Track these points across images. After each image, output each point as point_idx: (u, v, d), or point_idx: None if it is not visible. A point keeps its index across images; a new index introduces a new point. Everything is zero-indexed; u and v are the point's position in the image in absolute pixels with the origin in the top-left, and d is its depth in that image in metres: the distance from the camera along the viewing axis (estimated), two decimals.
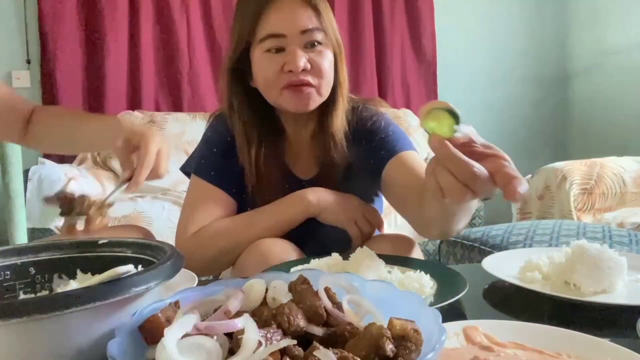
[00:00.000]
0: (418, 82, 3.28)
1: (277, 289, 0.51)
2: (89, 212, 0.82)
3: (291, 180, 1.09)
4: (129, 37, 2.79)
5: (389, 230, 1.22)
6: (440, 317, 0.46)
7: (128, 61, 2.80)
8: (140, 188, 0.87)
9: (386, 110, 1.18)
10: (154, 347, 0.44)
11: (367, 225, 1.04)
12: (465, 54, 3.38)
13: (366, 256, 0.80)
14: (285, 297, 0.50)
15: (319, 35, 1.00)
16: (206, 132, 1.15)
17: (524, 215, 2.25)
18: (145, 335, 0.47)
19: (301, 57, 0.98)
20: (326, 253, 0.88)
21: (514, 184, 0.55)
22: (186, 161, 1.18)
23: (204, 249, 1.01)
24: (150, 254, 0.64)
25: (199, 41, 2.91)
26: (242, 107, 1.06)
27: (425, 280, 0.75)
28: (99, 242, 0.67)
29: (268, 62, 0.99)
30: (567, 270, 0.77)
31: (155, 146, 0.86)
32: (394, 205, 1.08)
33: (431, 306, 0.52)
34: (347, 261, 0.82)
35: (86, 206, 0.81)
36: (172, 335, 0.42)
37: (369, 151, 1.07)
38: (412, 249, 1.05)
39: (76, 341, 0.48)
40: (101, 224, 0.82)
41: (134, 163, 0.85)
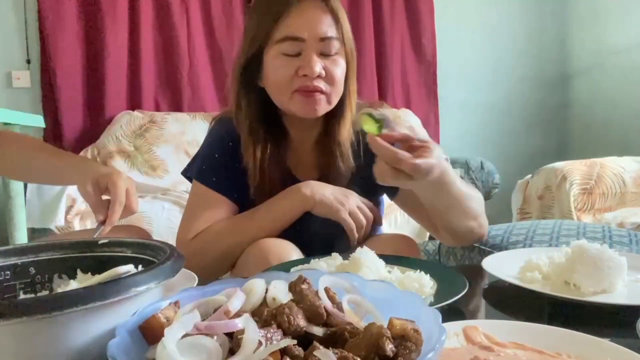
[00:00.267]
0: (418, 82, 3.28)
1: (277, 289, 0.51)
2: None
3: (292, 183, 1.09)
4: (129, 37, 2.79)
5: (389, 230, 1.22)
6: (440, 317, 0.46)
7: (128, 61, 2.80)
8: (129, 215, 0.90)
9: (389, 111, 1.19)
10: (154, 347, 0.44)
11: (362, 218, 1.04)
12: (465, 54, 3.37)
13: (366, 256, 0.80)
14: (285, 297, 0.50)
15: (336, 44, 1.00)
16: (208, 136, 1.14)
17: (524, 215, 2.25)
18: (145, 335, 0.47)
19: (317, 63, 0.98)
20: (326, 253, 0.88)
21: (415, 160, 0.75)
22: (188, 165, 1.17)
23: (204, 253, 1.01)
24: (150, 254, 0.64)
25: (199, 41, 2.90)
26: (249, 107, 1.06)
27: (425, 280, 0.75)
28: (99, 242, 0.68)
29: (283, 65, 0.99)
30: (567, 270, 0.77)
31: (123, 184, 0.88)
32: (411, 215, 1.15)
33: (431, 306, 0.52)
34: (347, 261, 0.82)
35: None
36: (172, 335, 0.42)
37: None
38: (412, 249, 1.05)
39: (76, 341, 0.48)
40: None
41: (105, 206, 0.87)
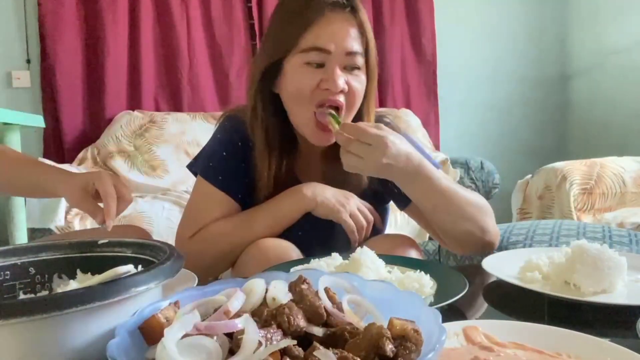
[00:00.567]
0: (418, 82, 3.28)
1: (277, 289, 0.51)
2: None
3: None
4: (129, 37, 2.79)
5: (389, 230, 1.22)
6: (440, 317, 0.46)
7: (128, 61, 2.80)
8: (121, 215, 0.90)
9: (390, 112, 1.19)
10: (154, 347, 0.44)
11: (363, 220, 1.04)
12: (465, 54, 3.38)
13: (366, 256, 0.80)
14: (285, 297, 0.50)
15: (360, 60, 0.99)
16: (216, 133, 1.12)
17: (524, 215, 2.25)
18: (145, 335, 0.47)
19: (340, 77, 0.96)
20: (326, 254, 0.88)
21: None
22: (194, 159, 1.16)
23: (204, 252, 1.01)
24: (150, 254, 0.64)
25: (199, 41, 2.90)
26: (265, 113, 1.04)
27: (425, 280, 0.75)
28: (99, 242, 0.68)
29: (306, 75, 0.97)
30: (567, 270, 0.77)
31: (108, 179, 0.88)
32: (421, 225, 1.14)
33: (431, 306, 0.52)
34: (347, 261, 0.82)
35: None
36: (172, 335, 0.42)
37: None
38: (412, 249, 1.05)
39: (76, 341, 0.48)
40: None
41: (100, 208, 0.88)
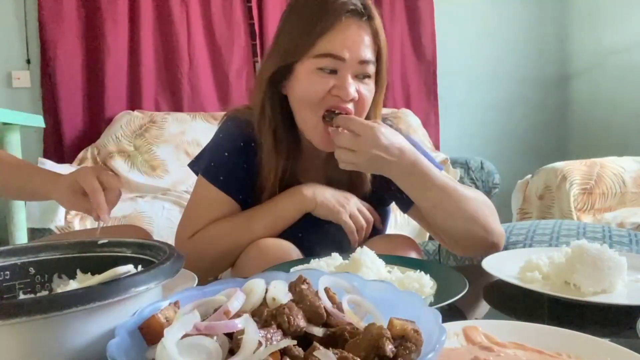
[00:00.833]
0: (418, 82, 3.28)
1: (277, 289, 0.51)
2: None
3: None
4: (129, 37, 2.79)
5: (389, 230, 1.22)
6: (440, 317, 0.46)
7: (128, 61, 2.80)
8: (111, 215, 0.89)
9: (390, 112, 1.19)
10: (154, 347, 0.44)
11: (362, 221, 1.04)
12: (465, 54, 3.37)
13: (366, 256, 0.80)
14: (285, 297, 0.50)
15: (372, 68, 0.99)
16: (218, 133, 1.11)
17: (524, 215, 2.25)
18: (145, 335, 0.47)
19: (352, 85, 0.96)
20: (326, 253, 0.88)
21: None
22: (195, 158, 1.15)
23: (203, 253, 1.00)
24: (150, 254, 0.64)
25: (199, 41, 2.90)
26: (274, 115, 1.03)
27: (425, 280, 0.75)
28: (99, 242, 0.67)
29: (318, 81, 0.97)
30: (567, 270, 0.77)
31: (91, 173, 0.88)
32: (424, 227, 1.14)
33: (431, 306, 0.52)
34: (347, 261, 0.82)
35: None
36: (172, 335, 0.42)
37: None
38: (412, 249, 1.05)
39: (76, 341, 0.48)
40: None
41: (90, 203, 0.88)
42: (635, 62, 3.00)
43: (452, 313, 0.70)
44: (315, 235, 1.03)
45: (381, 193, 1.11)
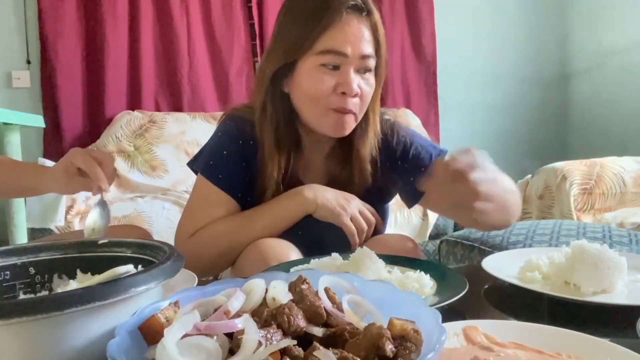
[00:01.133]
0: (418, 82, 3.28)
1: (277, 289, 0.51)
2: None
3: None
4: (129, 37, 2.79)
5: (389, 230, 1.22)
6: (440, 317, 0.46)
7: (128, 61, 2.80)
8: (109, 193, 0.92)
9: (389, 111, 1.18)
10: (154, 347, 0.44)
11: (363, 223, 1.04)
12: (465, 54, 3.37)
13: (366, 256, 0.80)
14: (285, 297, 0.50)
15: (372, 63, 1.00)
16: (217, 131, 1.11)
17: (524, 216, 2.25)
18: (145, 335, 0.47)
19: (355, 80, 0.97)
20: (326, 253, 0.88)
21: None
22: (195, 157, 1.15)
23: (203, 252, 1.01)
24: (150, 254, 0.64)
25: (199, 41, 2.90)
26: (275, 112, 1.03)
27: (425, 280, 0.75)
28: (99, 242, 0.67)
29: (322, 77, 0.97)
30: (567, 270, 0.77)
31: (83, 152, 0.90)
32: (437, 212, 1.13)
33: (431, 306, 0.52)
34: (347, 261, 0.82)
35: None
36: (172, 335, 0.42)
37: (404, 173, 1.10)
38: (412, 249, 1.05)
39: (76, 341, 0.48)
40: None
41: (87, 180, 0.89)
42: (635, 62, 3.00)
43: (452, 313, 0.70)
44: (316, 235, 1.03)
45: (385, 186, 1.11)
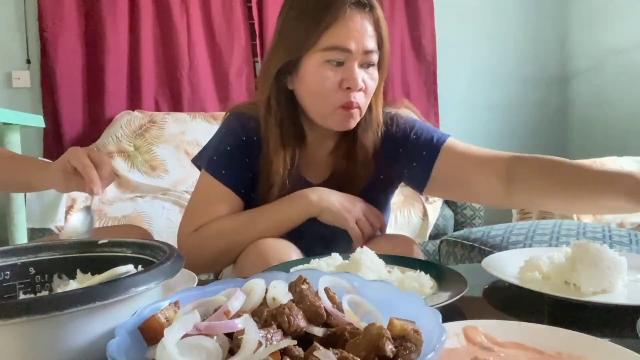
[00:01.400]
0: (418, 82, 3.28)
1: (277, 289, 0.51)
2: None
3: (302, 184, 1.07)
4: (129, 37, 2.79)
5: (389, 230, 1.22)
6: (440, 317, 0.46)
7: (128, 61, 2.80)
8: (105, 196, 0.91)
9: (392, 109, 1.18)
10: (154, 347, 0.44)
11: (369, 226, 1.04)
12: (465, 54, 3.38)
13: (366, 256, 0.80)
14: (285, 297, 0.50)
15: (375, 57, 1.01)
16: (221, 128, 1.12)
17: (524, 216, 2.25)
18: (145, 335, 0.47)
19: (360, 75, 0.98)
20: (326, 253, 0.88)
21: None
22: (199, 153, 1.15)
23: (204, 249, 1.01)
24: (150, 254, 0.64)
25: (199, 41, 2.91)
26: (280, 109, 1.04)
27: (425, 280, 0.75)
28: (99, 242, 0.67)
29: (328, 74, 0.98)
30: (567, 270, 0.77)
31: (83, 151, 0.90)
32: (450, 194, 1.21)
33: (431, 306, 0.52)
34: (347, 261, 0.82)
35: None
36: (172, 335, 0.42)
37: (405, 159, 1.09)
38: (412, 249, 1.05)
39: (76, 341, 0.48)
40: None
41: (83, 180, 0.89)
42: (635, 62, 3.00)
43: (452, 313, 0.70)
44: (316, 235, 1.03)
45: (388, 177, 1.12)
